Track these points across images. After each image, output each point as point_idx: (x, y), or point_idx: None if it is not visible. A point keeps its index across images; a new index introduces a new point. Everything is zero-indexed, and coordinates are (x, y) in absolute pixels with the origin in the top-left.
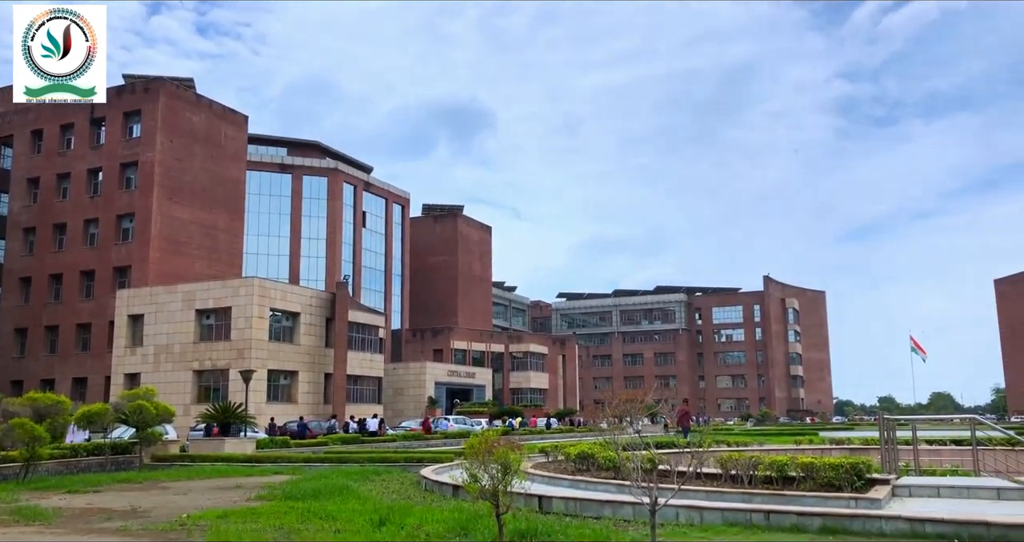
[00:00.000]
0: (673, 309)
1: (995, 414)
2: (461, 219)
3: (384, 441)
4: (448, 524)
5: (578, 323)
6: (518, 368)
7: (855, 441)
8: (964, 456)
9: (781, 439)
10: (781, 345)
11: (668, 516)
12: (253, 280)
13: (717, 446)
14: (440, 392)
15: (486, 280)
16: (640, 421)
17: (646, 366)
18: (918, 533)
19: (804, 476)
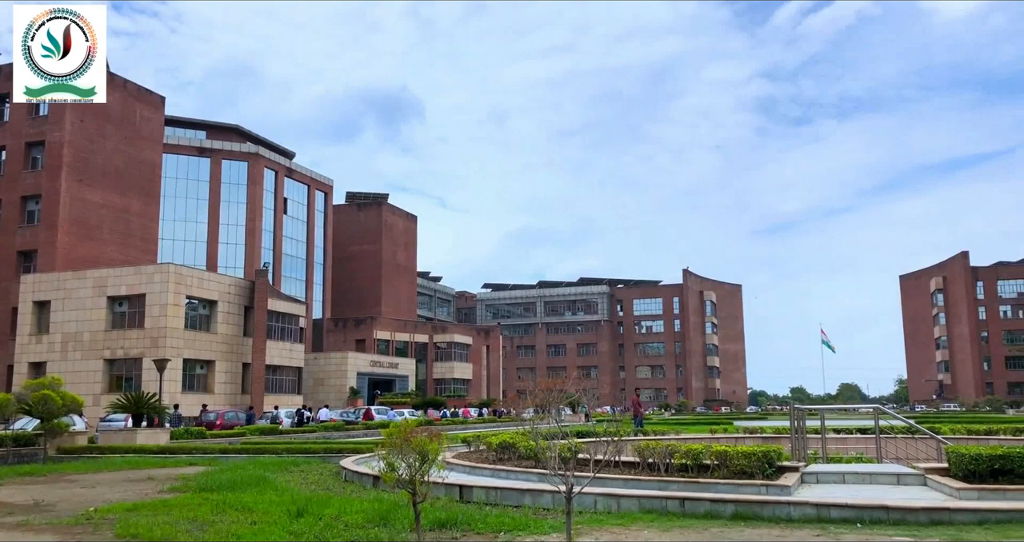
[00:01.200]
0: (596, 301)
1: (898, 404)
2: (386, 207)
3: (304, 432)
4: (367, 514)
5: (503, 314)
6: (442, 358)
7: (767, 430)
8: (868, 444)
9: (697, 428)
10: (699, 336)
11: (586, 504)
12: (168, 266)
13: (635, 435)
14: (362, 382)
15: (411, 270)
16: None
17: (569, 356)
18: (824, 518)
19: (718, 464)
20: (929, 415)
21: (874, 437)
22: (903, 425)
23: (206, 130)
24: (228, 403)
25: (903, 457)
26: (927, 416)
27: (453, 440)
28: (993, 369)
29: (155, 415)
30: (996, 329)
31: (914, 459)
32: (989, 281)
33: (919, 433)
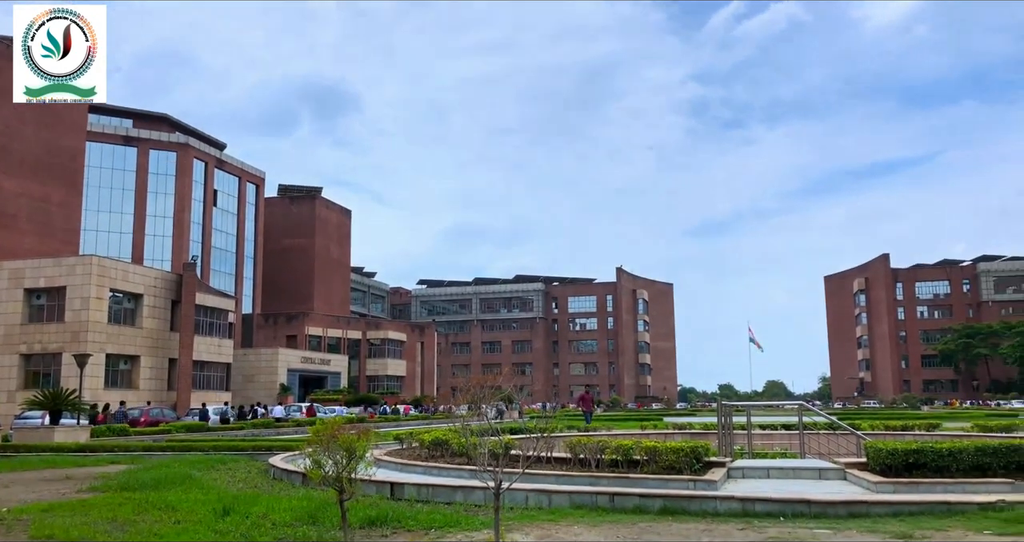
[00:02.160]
0: (531, 298)
1: (821, 401)
2: (320, 201)
3: (232, 429)
4: (296, 512)
5: (438, 310)
6: (375, 355)
7: (696, 426)
8: (792, 440)
9: (628, 424)
10: (631, 334)
11: (518, 500)
12: (91, 258)
13: (568, 431)
14: (293, 379)
15: (344, 265)
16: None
17: (504, 353)
18: (748, 512)
19: (648, 460)
20: (850, 412)
21: (798, 433)
22: (825, 422)
23: (133, 118)
24: (154, 400)
25: (825, 452)
26: (848, 413)
27: (385, 438)
28: (910, 367)
29: (75, 411)
30: (914, 329)
31: (835, 454)
32: (908, 283)
33: (840, 429)
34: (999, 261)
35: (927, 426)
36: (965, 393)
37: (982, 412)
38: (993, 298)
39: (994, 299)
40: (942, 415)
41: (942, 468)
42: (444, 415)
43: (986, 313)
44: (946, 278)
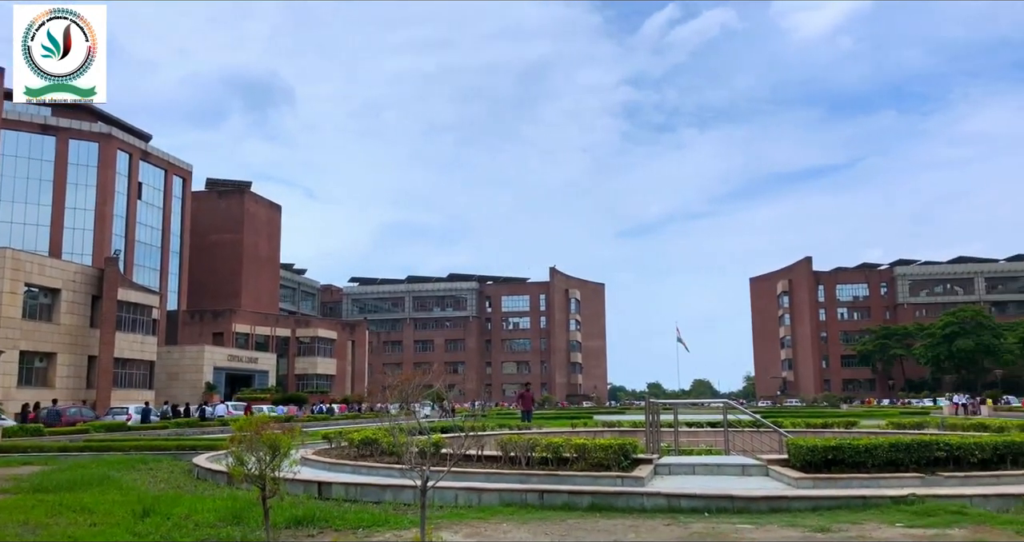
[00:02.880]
0: (465, 297)
1: (746, 399)
2: (249, 196)
3: (155, 428)
4: (220, 513)
5: (370, 308)
6: (305, 353)
7: (625, 424)
8: (718, 437)
9: (559, 422)
10: (563, 333)
11: (448, 499)
12: (5, 251)
13: (500, 429)
14: (219, 377)
15: (274, 261)
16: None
17: (437, 352)
18: (674, 507)
19: (577, 457)
20: (773, 410)
21: (723, 431)
22: (750, 419)
23: (52, 106)
24: (72, 398)
25: (749, 449)
26: (771, 411)
27: (314, 437)
28: (831, 367)
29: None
30: (834, 330)
31: (759, 451)
32: (829, 285)
33: (763, 427)
34: (914, 265)
35: (845, 424)
36: (882, 392)
37: (896, 410)
38: (908, 301)
39: (909, 302)
40: (860, 413)
41: (858, 464)
42: (375, 414)
43: (902, 315)
44: (865, 281)
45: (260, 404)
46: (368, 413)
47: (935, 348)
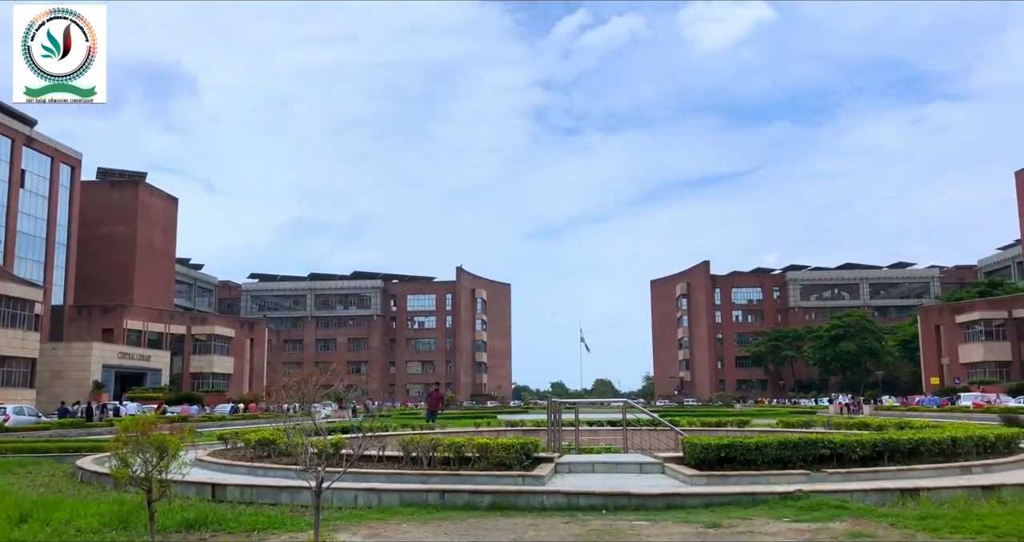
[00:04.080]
0: (369, 295)
1: (645, 399)
2: (143, 187)
3: (36, 429)
4: (105, 517)
5: (270, 306)
6: (201, 351)
7: (528, 423)
8: (617, 435)
9: (463, 422)
10: (469, 333)
11: (347, 500)
12: None
13: (403, 429)
14: (108, 376)
15: (169, 255)
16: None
17: (339, 351)
18: (574, 505)
19: (479, 456)
20: (671, 409)
21: (622, 429)
22: (648, 418)
23: None
24: None
25: (647, 448)
26: (669, 410)
27: (209, 437)
28: (726, 367)
29: None
30: (729, 332)
31: (656, 449)
32: (725, 289)
33: (661, 425)
34: (805, 271)
35: (738, 422)
36: (773, 392)
37: (786, 409)
38: (799, 305)
39: (800, 305)
40: (752, 412)
41: (750, 461)
42: (273, 414)
43: (793, 318)
44: (759, 285)
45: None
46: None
47: (822, 350)
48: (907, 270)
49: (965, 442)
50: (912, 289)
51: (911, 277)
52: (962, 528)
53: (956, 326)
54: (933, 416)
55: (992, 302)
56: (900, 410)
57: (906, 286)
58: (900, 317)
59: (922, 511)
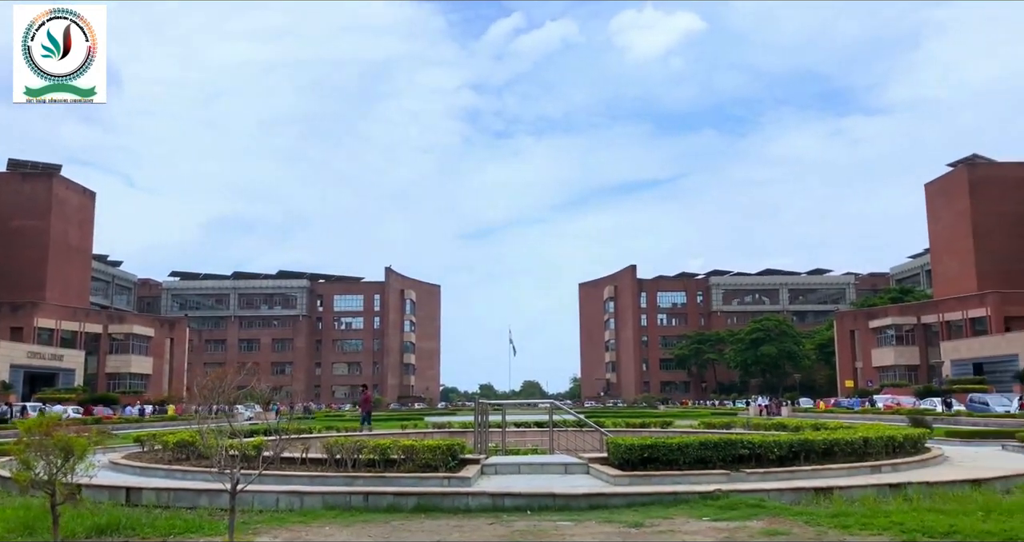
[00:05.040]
0: (295, 295)
1: (572, 400)
2: (58, 180)
3: None
4: (8, 523)
5: (192, 305)
6: (118, 351)
7: (455, 425)
8: (544, 437)
9: (389, 424)
10: (397, 334)
11: (269, 503)
12: None
13: (327, 431)
14: (17, 376)
15: (85, 251)
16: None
17: (263, 352)
18: (499, 506)
19: (405, 458)
20: (597, 410)
21: (548, 431)
22: (574, 419)
23: None
24: None
25: (573, 448)
26: (595, 411)
27: (125, 439)
28: (650, 369)
29: None
30: (654, 335)
31: (582, 450)
32: (651, 292)
33: (587, 426)
34: (727, 276)
35: (662, 423)
36: (696, 394)
37: (708, 411)
38: (721, 309)
39: (722, 309)
40: (675, 413)
41: (672, 461)
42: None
43: (715, 322)
44: (683, 289)
45: (65, 405)
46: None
47: (743, 353)
48: (824, 277)
49: (876, 442)
50: (829, 295)
51: (828, 283)
52: (871, 525)
53: (869, 331)
54: (847, 417)
55: (903, 308)
56: (817, 412)
57: (823, 292)
58: (817, 322)
59: (834, 509)
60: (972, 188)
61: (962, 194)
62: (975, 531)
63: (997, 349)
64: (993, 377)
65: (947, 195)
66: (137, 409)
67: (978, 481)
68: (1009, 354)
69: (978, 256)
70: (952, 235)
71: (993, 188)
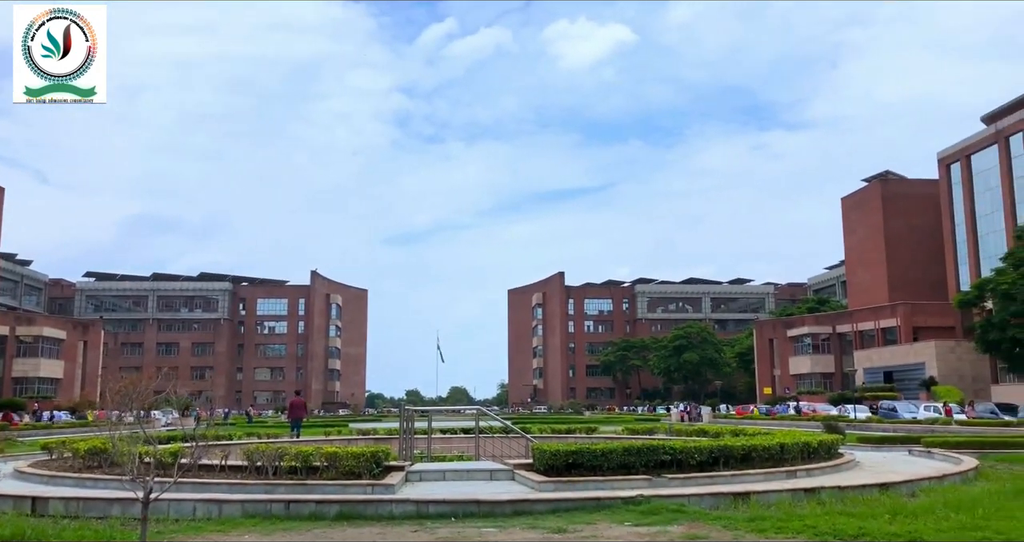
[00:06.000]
0: (217, 298)
1: (499, 406)
2: None
3: None
4: None
5: (108, 307)
6: (26, 354)
7: (381, 432)
8: (470, 443)
9: (313, 431)
10: (322, 339)
11: (186, 511)
12: None
13: (248, 438)
14: None
15: None
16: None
17: (182, 356)
18: (423, 514)
19: (328, 465)
20: (524, 416)
21: (475, 437)
22: (500, 426)
23: None
24: None
25: (499, 455)
26: (522, 417)
27: (32, 447)
28: (577, 376)
29: None
30: (581, 341)
31: (508, 456)
32: (579, 299)
33: (513, 433)
34: (652, 284)
35: (587, 429)
36: (621, 400)
37: (632, 417)
38: (646, 316)
39: (647, 317)
40: (600, 420)
41: (595, 467)
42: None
43: (640, 329)
44: (610, 297)
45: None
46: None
47: (667, 360)
48: (745, 286)
49: (792, 448)
50: (749, 304)
51: (749, 293)
52: (785, 528)
53: (787, 339)
54: (765, 424)
55: (819, 318)
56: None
57: (744, 301)
58: (738, 330)
59: (752, 513)
60: (885, 203)
61: (875, 209)
62: (882, 533)
63: (906, 358)
64: (902, 385)
65: (861, 209)
66: (48, 415)
67: (886, 485)
68: (917, 363)
69: (890, 268)
70: (866, 248)
71: (904, 203)
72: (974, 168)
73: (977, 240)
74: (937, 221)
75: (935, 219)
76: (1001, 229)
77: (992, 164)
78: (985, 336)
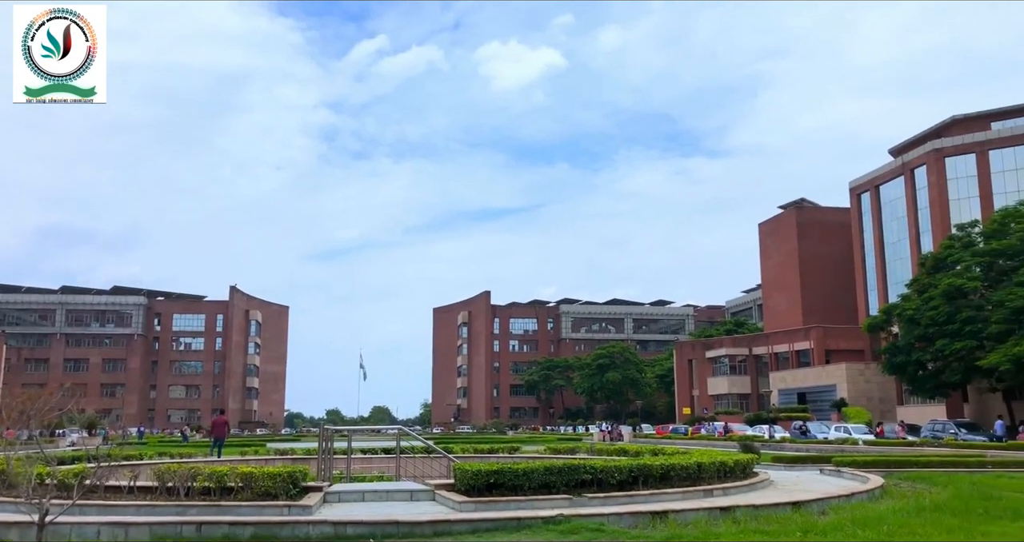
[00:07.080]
0: (131, 312)
1: (422, 426)
2: None
3: None
4: None
5: (11, 320)
6: None
7: (299, 452)
8: (391, 463)
9: (228, 451)
10: (240, 356)
11: (89, 534)
12: None
13: (160, 458)
14: None
15: None
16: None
17: (92, 373)
18: (341, 535)
19: (243, 486)
20: (447, 436)
21: (396, 457)
22: (422, 445)
23: None
24: None
25: (420, 475)
26: (445, 437)
27: None
28: (501, 395)
29: None
30: (506, 361)
31: (429, 476)
32: (504, 319)
33: (435, 453)
34: (577, 304)
35: (509, 449)
36: (544, 419)
37: (555, 436)
38: (571, 336)
39: (571, 337)
40: (523, 439)
41: (517, 487)
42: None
43: (564, 349)
44: (535, 316)
45: None
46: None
47: (589, 379)
48: (666, 308)
49: (709, 467)
50: (670, 325)
51: (669, 314)
52: None
53: (706, 361)
54: (684, 443)
55: (736, 340)
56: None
57: (665, 322)
58: (659, 351)
59: (669, 532)
60: (800, 229)
61: (791, 235)
62: None
63: (819, 380)
64: (815, 406)
65: (777, 235)
66: None
67: (798, 503)
68: (829, 384)
69: (804, 293)
70: (781, 272)
71: (818, 230)
72: (883, 198)
73: (885, 267)
74: (849, 248)
75: (847, 246)
76: (907, 256)
77: (899, 194)
78: (892, 359)
